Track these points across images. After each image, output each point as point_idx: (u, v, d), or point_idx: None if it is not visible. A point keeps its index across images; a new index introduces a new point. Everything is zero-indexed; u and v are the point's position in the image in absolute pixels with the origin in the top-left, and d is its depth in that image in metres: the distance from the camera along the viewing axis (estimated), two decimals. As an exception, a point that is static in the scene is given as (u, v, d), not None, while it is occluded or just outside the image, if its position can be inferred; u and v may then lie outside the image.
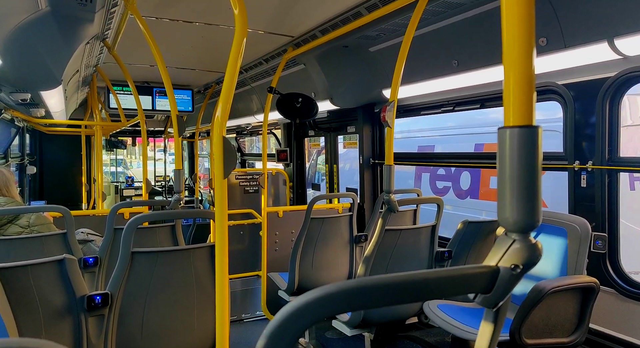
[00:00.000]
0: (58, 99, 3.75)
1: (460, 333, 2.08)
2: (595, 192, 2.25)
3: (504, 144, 0.63)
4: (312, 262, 3.24)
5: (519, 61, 0.63)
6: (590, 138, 2.26)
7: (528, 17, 0.62)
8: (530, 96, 0.63)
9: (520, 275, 0.64)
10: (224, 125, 1.49)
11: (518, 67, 0.63)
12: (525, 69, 0.63)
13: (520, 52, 0.63)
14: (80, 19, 2.41)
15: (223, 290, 1.46)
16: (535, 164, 0.63)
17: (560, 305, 1.91)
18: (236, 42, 1.45)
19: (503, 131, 0.64)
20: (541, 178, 0.65)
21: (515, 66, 0.63)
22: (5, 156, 5.15)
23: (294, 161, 5.45)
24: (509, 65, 0.64)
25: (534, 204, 0.63)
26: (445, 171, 6.25)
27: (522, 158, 0.62)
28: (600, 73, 2.16)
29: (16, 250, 2.25)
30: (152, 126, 7.59)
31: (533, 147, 0.62)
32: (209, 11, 2.76)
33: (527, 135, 0.62)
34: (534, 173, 0.63)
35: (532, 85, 0.63)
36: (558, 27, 2.01)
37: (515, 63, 0.63)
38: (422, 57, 2.87)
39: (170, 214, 2.33)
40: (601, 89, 2.16)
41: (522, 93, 0.63)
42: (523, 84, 0.63)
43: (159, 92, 5.27)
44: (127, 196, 7.21)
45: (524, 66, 0.63)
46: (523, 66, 0.63)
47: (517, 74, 0.63)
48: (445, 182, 6.24)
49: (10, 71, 2.59)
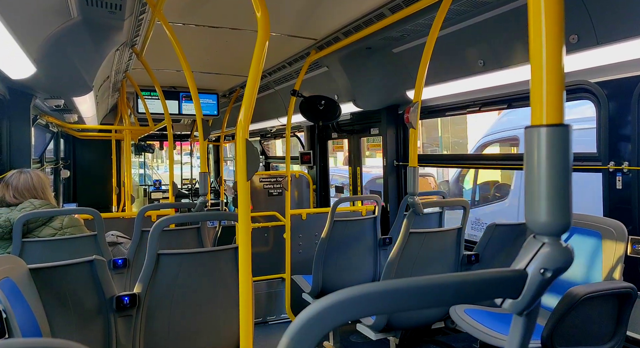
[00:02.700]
0: (90, 105, 3.88)
1: (488, 339, 2.02)
2: (632, 194, 2.15)
3: (532, 143, 0.61)
4: (336, 265, 3.23)
5: (548, 55, 0.60)
6: (626, 137, 2.17)
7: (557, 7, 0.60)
8: (560, 93, 0.60)
9: (551, 280, 0.62)
10: (246, 128, 1.51)
11: (546, 62, 0.61)
12: (555, 63, 0.60)
13: (548, 45, 0.60)
14: (110, 26, 2.49)
15: (247, 292, 1.47)
16: (566, 164, 0.60)
17: (595, 311, 1.83)
18: (259, 45, 1.46)
19: (531, 130, 0.61)
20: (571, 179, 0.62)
21: (544, 60, 0.61)
22: (40, 160, 5.36)
23: (317, 164, 5.46)
24: (536, 59, 0.61)
25: (565, 206, 0.61)
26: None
27: (552, 157, 0.60)
28: (636, 70, 2.07)
29: (49, 250, 2.33)
30: (178, 130, 7.75)
31: (564, 146, 0.60)
32: (234, 16, 2.80)
33: (557, 134, 0.60)
34: (565, 173, 0.60)
35: (561, 81, 0.60)
36: (590, 23, 1.94)
37: (544, 57, 0.61)
38: (447, 57, 2.82)
39: (194, 216, 2.37)
40: (637, 86, 2.07)
41: (551, 90, 0.60)
42: (552, 80, 0.60)
43: (185, 97, 5.38)
44: (155, 199, 7.38)
45: (553, 60, 0.60)
46: (552, 60, 0.60)
47: (546, 69, 0.60)
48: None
49: (45, 78, 2.70)
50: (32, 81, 2.70)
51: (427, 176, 9.30)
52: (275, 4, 2.45)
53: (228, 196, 7.99)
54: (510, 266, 0.64)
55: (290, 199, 3.92)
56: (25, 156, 3.20)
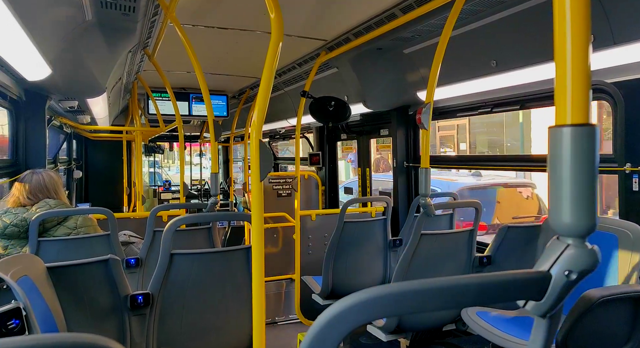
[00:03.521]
0: (102, 106, 3.92)
1: (500, 342, 2.00)
2: None
3: (558, 144, 0.60)
4: (346, 266, 3.22)
5: (573, 52, 0.59)
6: None
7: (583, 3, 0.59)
8: (586, 92, 0.59)
9: (576, 282, 0.61)
10: (260, 129, 1.51)
11: (572, 59, 0.60)
12: (580, 60, 0.60)
13: (574, 42, 0.59)
14: (124, 28, 2.52)
15: (260, 292, 1.48)
16: (592, 164, 0.59)
17: (610, 315, 1.81)
18: (272, 46, 1.46)
19: (556, 130, 0.61)
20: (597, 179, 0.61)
21: (569, 57, 0.60)
22: (54, 160, 5.43)
23: (326, 165, 5.46)
24: (561, 58, 0.60)
25: (591, 207, 0.60)
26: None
27: (580, 158, 0.59)
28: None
29: (64, 249, 2.37)
30: (188, 131, 7.80)
31: (590, 146, 0.59)
32: (244, 17, 2.81)
33: (584, 134, 0.59)
34: (591, 174, 0.59)
35: (587, 79, 0.59)
36: (607, 23, 1.92)
37: (569, 54, 0.60)
38: (459, 57, 2.81)
39: (207, 217, 2.38)
40: None
41: (577, 88, 0.59)
42: (578, 78, 0.59)
43: (195, 98, 5.42)
44: (165, 199, 7.43)
45: (579, 57, 0.59)
46: (577, 57, 0.59)
47: (571, 67, 0.60)
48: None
49: (60, 80, 2.74)
50: (48, 82, 2.74)
51: (523, 186, 6.35)
52: (285, 5, 2.45)
53: (237, 197, 8.03)
54: (530, 268, 0.63)
55: (300, 199, 3.93)
56: (40, 156, 3.26)
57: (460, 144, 13.39)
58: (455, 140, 14.21)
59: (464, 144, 13.00)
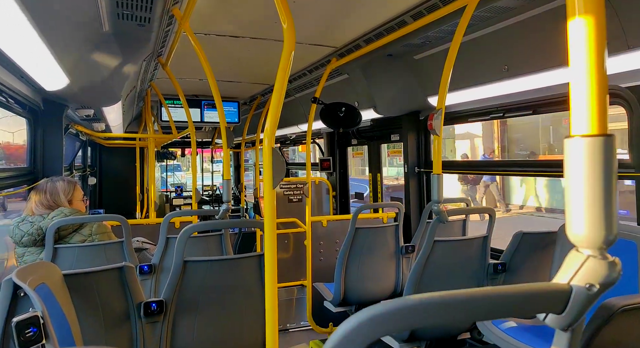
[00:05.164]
0: (117, 114, 3.98)
1: (517, 352, 1.97)
2: None
3: (576, 154, 0.60)
4: (358, 273, 3.21)
5: (590, 63, 0.59)
6: None
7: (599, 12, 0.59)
8: (603, 102, 0.59)
9: (597, 295, 0.60)
10: (273, 137, 1.52)
11: (588, 69, 0.59)
12: (598, 71, 0.59)
13: (590, 52, 0.59)
14: (139, 38, 2.56)
15: (273, 300, 1.48)
16: (610, 175, 0.59)
17: (632, 325, 1.77)
18: (285, 55, 1.47)
19: (574, 141, 0.60)
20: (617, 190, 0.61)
21: (586, 68, 0.59)
22: (70, 168, 5.52)
23: (336, 170, 5.46)
24: (577, 67, 0.60)
25: (611, 218, 0.59)
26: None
27: (596, 169, 0.58)
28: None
29: (80, 256, 2.40)
30: (200, 137, 7.86)
31: (608, 157, 0.58)
32: (256, 26, 2.84)
33: (601, 145, 0.58)
34: (609, 185, 0.59)
35: (605, 89, 0.59)
36: (620, 27, 1.90)
37: (586, 65, 0.59)
38: (470, 63, 2.80)
39: (220, 224, 2.39)
40: None
41: (594, 99, 0.59)
42: (595, 88, 0.59)
43: (207, 105, 5.47)
44: (177, 205, 7.49)
45: (596, 67, 0.59)
46: (595, 68, 0.59)
47: (588, 77, 0.59)
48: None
49: (77, 89, 2.79)
50: (65, 91, 2.79)
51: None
52: (296, 13, 2.48)
53: (248, 202, 8.06)
54: (545, 275, 0.63)
55: (311, 205, 3.93)
56: (57, 164, 3.31)
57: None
58: (475, 144, 13.87)
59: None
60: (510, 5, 2.23)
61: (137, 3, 2.11)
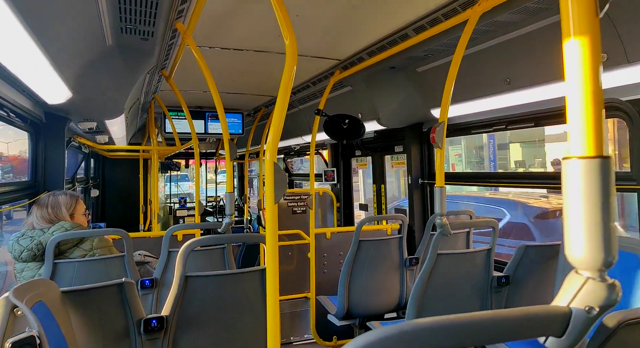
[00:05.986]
0: (120, 126, 4.01)
1: (521, 367, 1.94)
2: None
3: (573, 176, 0.59)
4: (362, 286, 3.19)
5: (586, 86, 0.59)
6: None
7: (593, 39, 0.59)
8: (599, 124, 0.59)
9: (597, 318, 0.59)
10: (274, 151, 1.52)
11: (584, 92, 0.59)
12: (594, 94, 0.59)
13: (586, 76, 0.59)
14: (142, 52, 2.58)
15: (275, 315, 1.47)
16: (608, 197, 0.58)
17: (636, 339, 1.74)
18: (287, 70, 1.47)
19: (571, 162, 0.60)
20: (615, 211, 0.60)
21: (582, 90, 0.59)
22: (72, 180, 5.53)
23: (341, 182, 5.46)
24: (574, 91, 0.60)
25: (609, 240, 0.58)
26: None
27: (593, 191, 0.58)
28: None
29: (80, 271, 2.38)
30: (204, 149, 7.90)
31: (605, 179, 0.58)
32: (259, 39, 2.87)
33: (598, 167, 0.58)
34: (607, 207, 0.58)
35: (600, 111, 0.59)
36: (619, 41, 1.90)
37: (582, 87, 0.59)
38: (472, 76, 2.81)
39: (222, 238, 2.39)
40: None
41: (590, 120, 0.59)
42: (591, 110, 0.59)
43: (211, 116, 5.51)
44: (180, 217, 7.49)
45: (592, 89, 0.59)
46: (590, 90, 0.59)
47: (584, 99, 0.59)
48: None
49: (80, 102, 2.81)
50: (68, 105, 2.81)
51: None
52: (300, 26, 2.51)
53: (252, 214, 8.06)
54: (549, 288, 0.62)
55: (314, 216, 3.92)
56: (58, 177, 3.29)
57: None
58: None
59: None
60: (510, 19, 2.24)
61: (141, 18, 2.13)
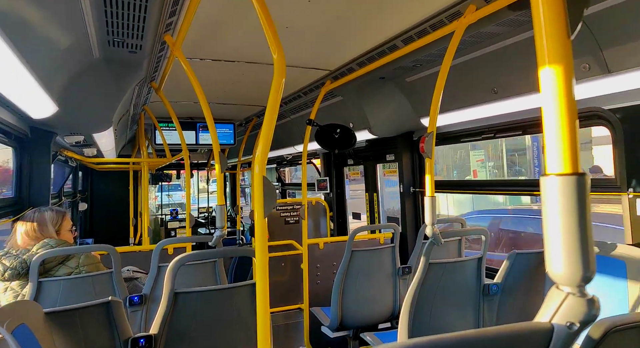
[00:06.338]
0: (108, 139, 3.97)
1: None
2: None
3: (550, 193, 0.60)
4: (355, 297, 3.17)
5: (562, 110, 0.61)
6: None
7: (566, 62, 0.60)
8: (574, 142, 0.60)
9: (578, 333, 0.60)
10: (264, 164, 1.51)
11: (560, 112, 0.61)
12: (569, 113, 0.61)
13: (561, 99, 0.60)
14: (131, 65, 2.58)
15: (265, 330, 1.45)
16: (584, 213, 0.59)
17: (625, 345, 1.75)
18: (275, 84, 1.46)
19: (548, 179, 0.61)
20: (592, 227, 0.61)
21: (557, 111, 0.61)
22: (59, 195, 5.42)
23: (333, 191, 5.46)
24: (550, 114, 0.62)
25: (587, 256, 0.59)
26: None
27: (572, 208, 0.59)
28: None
29: (66, 289, 2.32)
30: (195, 159, 7.85)
31: (581, 196, 0.59)
32: (249, 50, 2.87)
33: (574, 183, 0.59)
34: (584, 223, 0.59)
35: (575, 131, 0.60)
36: (600, 52, 1.93)
37: (557, 108, 0.61)
38: (460, 85, 2.84)
39: (212, 253, 2.35)
40: None
41: (566, 139, 0.60)
42: (567, 130, 0.60)
43: (202, 127, 5.50)
44: (172, 228, 7.42)
45: (568, 114, 0.61)
46: (567, 115, 0.61)
47: (559, 120, 0.61)
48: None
49: (66, 116, 2.76)
50: (54, 119, 2.76)
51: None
52: (290, 38, 2.52)
53: (245, 224, 8.01)
54: (540, 295, 0.63)
55: (308, 226, 3.90)
56: (44, 193, 3.20)
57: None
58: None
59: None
60: (496, 31, 2.28)
61: (128, 31, 2.12)
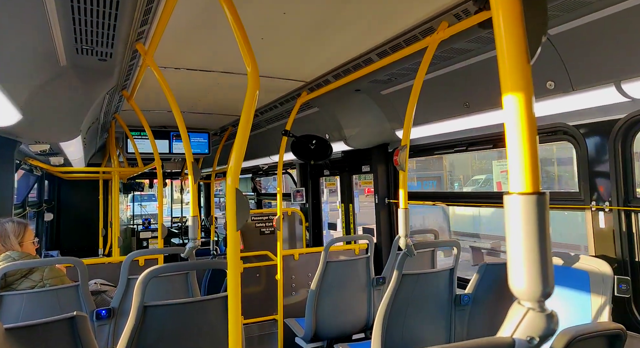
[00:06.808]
0: (76, 148, 3.84)
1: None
2: (615, 233, 2.17)
3: (512, 211, 0.63)
4: (330, 307, 3.17)
5: (522, 128, 0.64)
6: (605, 177, 2.22)
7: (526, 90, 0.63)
8: (535, 164, 0.63)
9: (538, 347, 0.62)
10: (236, 176, 1.50)
11: (522, 134, 0.64)
12: (530, 135, 0.64)
13: (523, 124, 0.64)
14: (101, 73, 2.51)
15: (237, 344, 1.43)
16: (543, 231, 0.62)
17: None
18: (249, 96, 1.46)
19: (510, 198, 0.63)
20: (551, 245, 0.64)
21: (519, 136, 0.64)
22: (22, 205, 5.20)
23: (309, 201, 5.46)
24: (513, 138, 0.65)
25: (545, 272, 0.62)
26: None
27: (532, 226, 0.61)
28: (611, 115, 2.14)
29: (29, 304, 2.23)
30: (169, 168, 7.71)
31: (541, 214, 0.62)
32: (223, 60, 2.86)
33: (536, 203, 0.62)
34: (543, 240, 0.62)
35: (535, 153, 0.63)
36: (564, 70, 2.02)
37: (519, 135, 0.64)
38: (433, 99, 2.90)
39: (183, 266, 2.30)
40: (612, 130, 2.14)
41: (527, 161, 0.63)
42: (529, 152, 0.63)
43: (176, 136, 5.40)
44: (144, 238, 7.24)
45: (528, 131, 0.64)
46: (527, 132, 0.64)
47: (522, 145, 0.64)
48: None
49: (31, 124, 2.66)
50: (17, 127, 2.66)
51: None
52: (265, 49, 2.53)
53: (220, 234, 7.89)
54: (504, 308, 0.65)
55: (283, 236, 3.88)
56: (6, 203, 3.07)
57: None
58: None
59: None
60: (467, 47, 2.35)
61: (97, 39, 2.06)
